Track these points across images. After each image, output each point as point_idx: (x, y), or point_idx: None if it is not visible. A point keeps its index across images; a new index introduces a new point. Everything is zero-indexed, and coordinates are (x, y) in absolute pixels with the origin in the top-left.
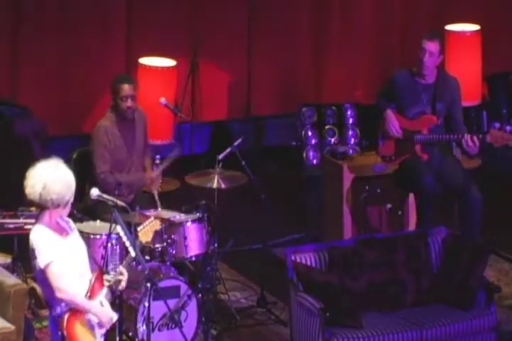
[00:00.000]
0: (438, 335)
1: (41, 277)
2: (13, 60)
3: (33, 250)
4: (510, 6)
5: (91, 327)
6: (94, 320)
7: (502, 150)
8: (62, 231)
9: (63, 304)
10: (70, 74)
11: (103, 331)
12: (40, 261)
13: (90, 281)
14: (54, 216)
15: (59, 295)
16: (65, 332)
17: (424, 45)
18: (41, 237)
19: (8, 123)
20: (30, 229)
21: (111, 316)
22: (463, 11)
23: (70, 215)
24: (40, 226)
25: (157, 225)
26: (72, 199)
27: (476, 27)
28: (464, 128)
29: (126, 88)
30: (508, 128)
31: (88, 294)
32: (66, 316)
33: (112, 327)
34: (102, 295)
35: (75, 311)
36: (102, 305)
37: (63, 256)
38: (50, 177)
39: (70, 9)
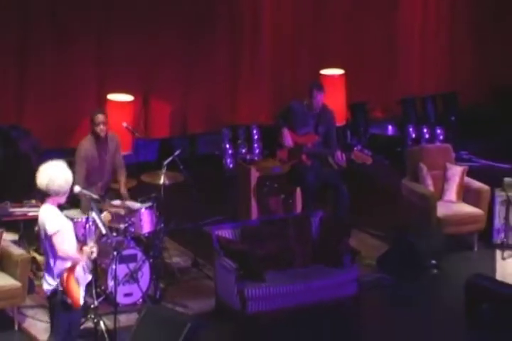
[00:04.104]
0: (318, 285)
1: (49, 243)
2: (19, 94)
3: (43, 223)
4: (365, 54)
5: (78, 283)
6: (79, 278)
7: None
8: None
9: (61, 263)
10: (60, 105)
11: (83, 287)
12: (50, 229)
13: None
14: (55, 202)
15: (60, 253)
16: (64, 284)
17: (316, 96)
18: (51, 213)
19: (14, 142)
20: (32, 215)
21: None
22: (332, 59)
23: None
24: (48, 204)
25: (108, 217)
26: (68, 191)
27: (341, 71)
28: (336, 146)
29: (99, 117)
30: (366, 151)
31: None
32: (65, 274)
33: (90, 284)
34: (84, 261)
35: (70, 271)
36: (84, 269)
37: (66, 227)
38: (53, 173)
39: (59, 57)
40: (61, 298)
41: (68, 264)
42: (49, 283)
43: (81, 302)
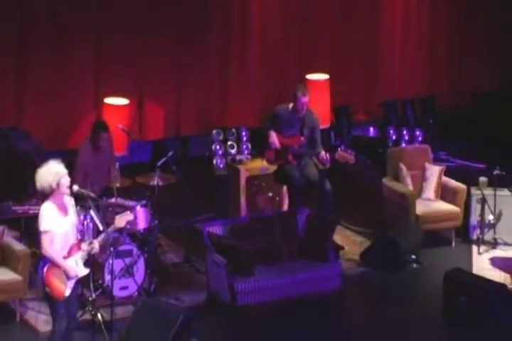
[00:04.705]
0: (304, 279)
1: (39, 238)
2: (18, 96)
3: (40, 218)
4: (349, 60)
5: (65, 276)
6: (68, 273)
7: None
8: (64, 210)
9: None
10: (58, 107)
11: (73, 282)
12: (40, 227)
13: (71, 245)
14: (58, 197)
15: (43, 252)
16: (44, 275)
17: (300, 99)
18: (48, 212)
19: (14, 144)
20: (33, 213)
21: (76, 273)
22: (318, 64)
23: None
24: (50, 202)
25: (130, 217)
26: (63, 182)
27: (326, 76)
28: (320, 147)
29: (103, 135)
30: (349, 151)
31: (67, 254)
32: (48, 266)
33: (84, 278)
34: (78, 256)
35: (55, 265)
36: (76, 263)
37: (57, 229)
38: (39, 174)
39: (57, 59)
40: (42, 288)
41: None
42: (40, 274)
43: (66, 294)
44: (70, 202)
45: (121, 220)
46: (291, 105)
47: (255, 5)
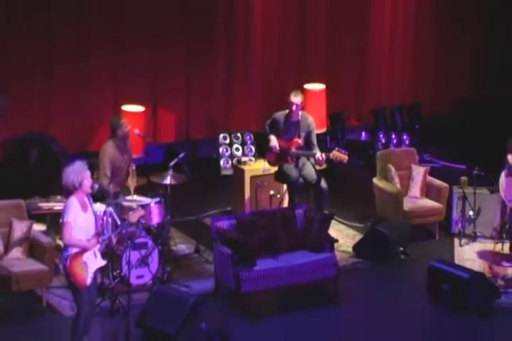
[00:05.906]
0: (301, 269)
1: (62, 228)
2: (45, 106)
3: (64, 210)
4: (343, 71)
5: (86, 266)
6: (88, 262)
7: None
8: (84, 207)
9: (70, 249)
10: (81, 116)
11: (93, 270)
12: (64, 218)
13: (89, 238)
14: (80, 195)
15: (64, 240)
16: (68, 266)
17: (292, 101)
18: (72, 205)
19: (44, 146)
20: (58, 209)
21: (98, 245)
22: (315, 75)
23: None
24: (74, 198)
25: (142, 213)
26: (85, 182)
27: (322, 86)
28: (316, 149)
29: (124, 122)
30: (343, 151)
31: None
32: (70, 257)
33: (104, 268)
34: (96, 248)
35: (76, 254)
36: (95, 255)
37: (78, 222)
38: (65, 172)
39: (80, 73)
40: (66, 277)
41: (75, 250)
42: (63, 265)
43: (87, 282)
44: (89, 200)
45: (134, 216)
46: (287, 111)
47: (257, 21)
